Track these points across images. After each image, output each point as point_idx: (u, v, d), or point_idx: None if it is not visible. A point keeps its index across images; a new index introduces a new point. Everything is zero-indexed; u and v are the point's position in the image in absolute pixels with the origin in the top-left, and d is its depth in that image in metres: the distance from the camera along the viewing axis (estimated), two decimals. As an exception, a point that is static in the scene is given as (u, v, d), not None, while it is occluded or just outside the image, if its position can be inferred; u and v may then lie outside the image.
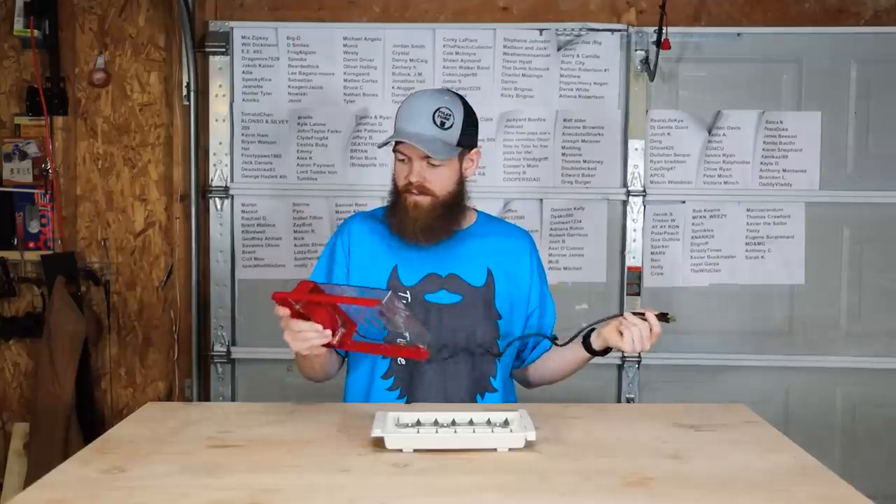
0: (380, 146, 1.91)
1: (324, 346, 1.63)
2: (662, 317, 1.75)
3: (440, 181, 1.83)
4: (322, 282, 1.84)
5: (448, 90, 1.90)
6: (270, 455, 1.43)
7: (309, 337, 1.59)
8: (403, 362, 1.84)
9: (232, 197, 3.06)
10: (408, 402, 1.83)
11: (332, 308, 1.63)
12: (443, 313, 1.84)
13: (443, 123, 1.81)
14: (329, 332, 1.61)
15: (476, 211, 1.98)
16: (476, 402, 1.85)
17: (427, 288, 1.85)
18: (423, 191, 1.82)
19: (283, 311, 1.60)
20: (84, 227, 3.15)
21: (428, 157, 1.80)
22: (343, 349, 1.72)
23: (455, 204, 1.87)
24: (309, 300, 1.59)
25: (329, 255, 1.93)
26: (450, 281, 1.86)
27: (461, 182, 1.88)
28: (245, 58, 3.04)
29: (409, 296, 1.83)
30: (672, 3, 2.88)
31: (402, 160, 1.84)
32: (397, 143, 1.84)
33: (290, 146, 3.06)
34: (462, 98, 1.88)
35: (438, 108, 1.81)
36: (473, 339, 1.85)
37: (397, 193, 1.87)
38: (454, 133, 1.83)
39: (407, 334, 1.71)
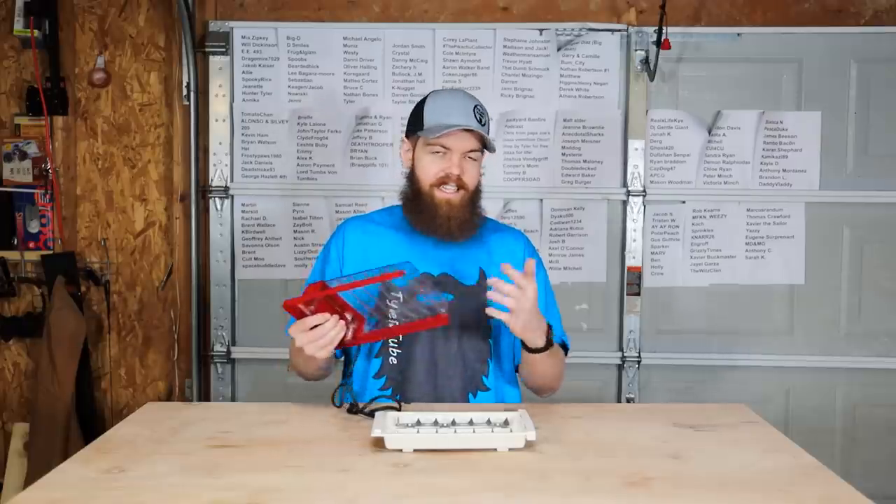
0: (435, 136, 1.78)
1: (338, 345, 1.62)
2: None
3: (473, 176, 1.85)
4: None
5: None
6: (270, 455, 1.43)
7: (330, 335, 1.59)
8: (395, 362, 1.84)
9: (232, 197, 3.06)
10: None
11: (338, 307, 1.63)
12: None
13: (481, 119, 1.83)
14: (343, 322, 1.61)
15: None
16: (469, 401, 1.84)
17: (419, 288, 1.84)
18: (460, 184, 1.82)
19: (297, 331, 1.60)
20: (84, 227, 3.15)
21: (468, 151, 1.81)
22: (358, 343, 1.70)
23: (478, 199, 1.89)
24: (325, 296, 1.58)
25: (323, 258, 1.94)
26: (442, 281, 1.86)
27: (480, 178, 1.90)
28: (245, 58, 3.04)
29: (401, 295, 1.83)
30: (672, 3, 2.88)
31: (439, 153, 1.82)
32: (435, 135, 1.80)
33: (290, 146, 3.06)
34: None
35: (476, 105, 1.84)
36: (465, 338, 1.85)
37: (421, 191, 1.84)
38: (488, 130, 1.86)
39: (426, 302, 1.68)
